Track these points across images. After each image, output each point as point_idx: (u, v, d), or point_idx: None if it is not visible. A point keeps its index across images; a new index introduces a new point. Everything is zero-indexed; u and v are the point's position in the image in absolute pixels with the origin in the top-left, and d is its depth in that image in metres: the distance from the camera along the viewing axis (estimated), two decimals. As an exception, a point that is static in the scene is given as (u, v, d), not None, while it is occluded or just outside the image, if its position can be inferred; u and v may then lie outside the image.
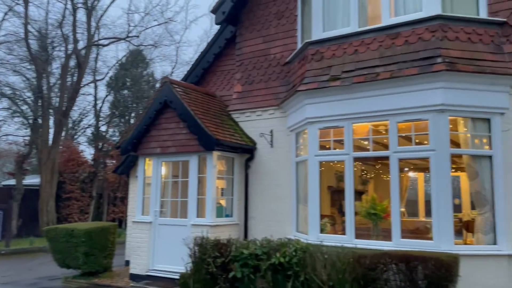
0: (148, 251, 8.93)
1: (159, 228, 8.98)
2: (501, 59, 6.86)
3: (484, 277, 6.36)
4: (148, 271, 8.83)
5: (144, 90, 28.41)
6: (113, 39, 23.52)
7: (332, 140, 7.82)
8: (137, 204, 9.47)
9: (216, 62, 10.80)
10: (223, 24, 9.93)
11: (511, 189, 6.72)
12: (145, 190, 9.35)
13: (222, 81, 10.63)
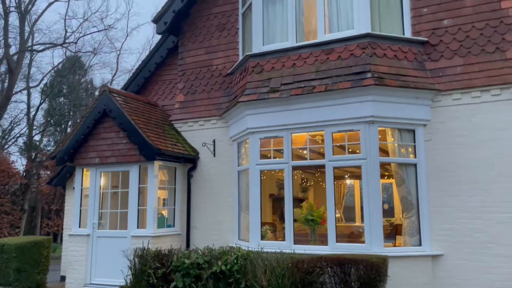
0: (86, 265, 8.52)
1: (98, 240, 8.61)
2: (423, 75, 7.24)
3: (411, 276, 6.64)
4: (86, 285, 8.41)
5: (82, 98, 27.16)
6: (49, 44, 22.51)
7: (272, 149, 7.91)
8: (74, 217, 9.03)
9: (158, 72, 10.58)
10: (165, 34, 9.80)
11: (434, 194, 7.03)
12: (82, 202, 8.93)
13: (164, 90, 10.43)
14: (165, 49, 10.33)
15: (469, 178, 6.95)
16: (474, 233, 6.76)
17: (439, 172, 7.09)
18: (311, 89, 7.28)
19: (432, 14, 7.41)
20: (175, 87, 9.93)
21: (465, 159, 6.97)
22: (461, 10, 7.25)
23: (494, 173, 6.78)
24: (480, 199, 6.81)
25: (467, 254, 6.73)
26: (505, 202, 6.66)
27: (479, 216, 6.78)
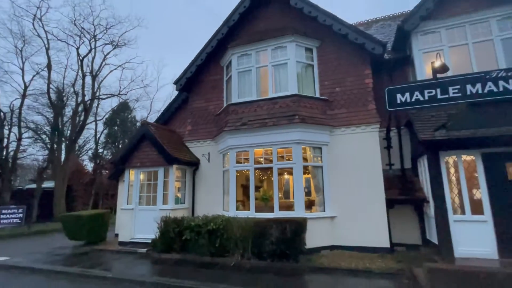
0: (131, 227, 8.47)
1: (138, 212, 8.55)
2: (326, 118, 7.60)
3: (319, 228, 6.90)
4: (132, 238, 8.36)
5: (128, 127, 26.69)
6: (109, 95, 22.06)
7: (243, 158, 8.04)
8: (123, 198, 8.94)
9: (176, 112, 10.70)
10: (180, 91, 9.93)
11: (331, 183, 7.32)
12: (129, 189, 8.86)
13: (179, 123, 10.47)
14: (180, 99, 10.50)
15: (347, 174, 7.20)
16: (350, 206, 7.03)
17: (333, 171, 7.37)
18: (265, 124, 7.56)
19: (330, 85, 7.79)
20: (186, 121, 9.97)
21: (345, 164, 7.29)
22: (345, 83, 7.64)
23: (357, 172, 7.11)
24: (349, 186, 7.11)
25: (347, 216, 7.04)
26: (360, 190, 7.02)
27: (352, 194, 7.06)
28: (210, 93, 9.47)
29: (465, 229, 5.82)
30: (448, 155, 6.15)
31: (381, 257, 6.32)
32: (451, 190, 6.09)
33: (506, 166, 5.73)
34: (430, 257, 5.99)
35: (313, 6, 7.86)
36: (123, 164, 8.96)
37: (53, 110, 19.27)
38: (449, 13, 7.34)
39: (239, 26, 9.10)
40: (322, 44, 8.12)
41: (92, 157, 24.91)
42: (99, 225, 9.00)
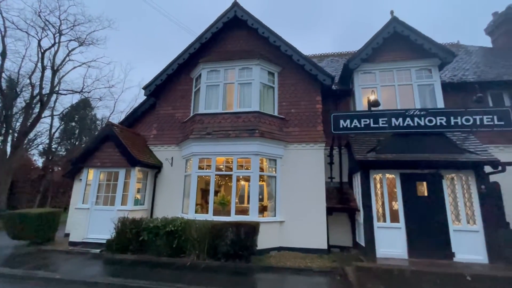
0: (85, 226, 7.71)
1: (94, 212, 7.84)
2: (282, 134, 7.97)
3: (270, 231, 7.12)
4: (84, 239, 7.60)
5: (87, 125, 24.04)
6: (71, 91, 19.81)
7: (205, 164, 7.96)
8: (79, 197, 8.12)
9: (143, 116, 10.19)
10: (149, 96, 9.50)
11: (282, 191, 7.60)
12: (86, 188, 8.10)
13: (145, 127, 9.97)
14: (148, 104, 10.03)
15: (296, 185, 7.59)
16: (297, 212, 7.43)
17: (285, 181, 7.69)
18: (228, 135, 7.65)
19: (287, 105, 8.24)
20: (151, 126, 9.55)
21: (295, 175, 7.68)
22: (300, 106, 8.15)
23: (304, 183, 7.53)
24: (297, 195, 7.50)
25: (294, 221, 7.38)
26: (306, 199, 7.48)
27: (299, 202, 7.46)
28: (178, 102, 9.26)
29: (385, 234, 6.60)
30: (376, 173, 6.96)
31: (320, 257, 6.78)
32: (377, 201, 6.87)
33: (416, 185, 6.71)
34: (358, 257, 6.62)
35: (277, 37, 8.35)
36: (83, 162, 8.19)
37: (3, 99, 16.71)
38: (382, 59, 8.44)
39: (211, 43, 9.19)
40: (283, 70, 8.62)
41: (43, 152, 21.89)
42: (48, 224, 8.00)
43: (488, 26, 12.68)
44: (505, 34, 11.73)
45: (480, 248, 6.10)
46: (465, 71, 9.46)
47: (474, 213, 6.32)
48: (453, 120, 6.57)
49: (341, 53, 13.20)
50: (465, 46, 12.36)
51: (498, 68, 9.35)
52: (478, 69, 9.50)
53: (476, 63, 10.11)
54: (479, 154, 6.47)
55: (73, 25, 17.95)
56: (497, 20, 12.14)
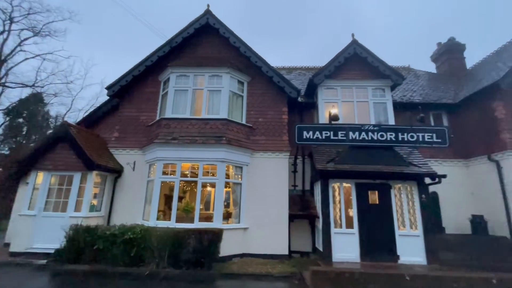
0: (29, 235, 7.00)
1: (42, 219, 7.16)
2: (249, 142, 8.14)
3: (235, 237, 7.12)
4: (28, 248, 6.89)
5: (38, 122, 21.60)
6: (20, 84, 17.94)
7: (170, 170, 7.77)
8: (24, 202, 7.38)
9: (104, 117, 9.66)
10: (112, 97, 9.05)
11: (247, 198, 7.69)
12: (33, 193, 7.43)
13: (106, 128, 9.41)
14: (110, 105, 9.54)
15: (260, 192, 7.79)
16: (260, 219, 7.63)
17: (250, 188, 7.84)
18: (195, 141, 7.61)
19: (255, 114, 8.48)
20: (113, 128, 9.06)
21: (260, 183, 7.86)
22: (267, 116, 8.44)
23: (269, 190, 7.81)
24: (261, 202, 7.73)
25: (257, 227, 7.53)
26: (270, 206, 7.75)
27: (263, 209, 7.66)
28: (144, 104, 8.97)
29: (341, 239, 7.08)
30: (335, 182, 7.47)
31: (281, 263, 7.01)
32: (334, 209, 7.36)
33: (369, 193, 7.35)
34: (317, 262, 7.00)
35: (248, 48, 8.63)
36: (32, 164, 7.49)
37: None
38: (343, 77, 9.17)
39: (181, 48, 9.14)
40: (252, 80, 8.89)
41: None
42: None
43: (433, 54, 14.48)
44: (446, 62, 13.48)
45: (420, 251, 6.86)
46: (413, 92, 10.68)
47: (416, 219, 7.11)
48: (400, 136, 7.39)
49: (308, 67, 13.98)
50: (414, 70, 13.94)
51: (439, 92, 10.72)
52: (423, 92, 10.78)
53: (422, 86, 11.46)
54: (421, 167, 7.33)
55: (28, 13, 16.47)
56: (440, 49, 13.93)
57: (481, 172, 8.55)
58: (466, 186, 8.92)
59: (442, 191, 8.67)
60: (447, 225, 8.53)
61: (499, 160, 7.93)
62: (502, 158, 7.87)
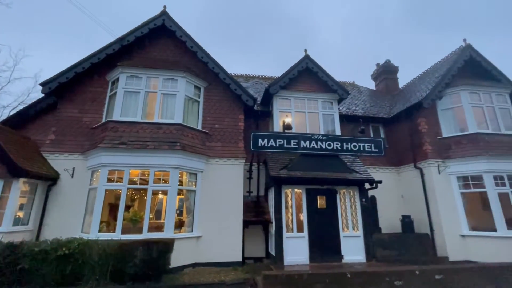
0: None
1: None
2: (204, 148, 8.04)
3: (187, 246, 6.92)
4: None
5: None
6: None
7: (116, 177, 7.20)
8: None
9: (38, 116, 8.46)
10: (48, 94, 7.98)
11: (201, 205, 7.60)
12: None
13: (39, 130, 8.29)
14: (45, 103, 8.44)
15: (215, 199, 7.71)
16: (215, 226, 7.54)
17: (205, 195, 7.70)
18: (146, 146, 7.21)
19: (211, 121, 8.43)
20: (49, 129, 8.02)
21: (215, 189, 7.80)
22: (223, 122, 8.47)
23: (223, 197, 7.78)
24: (216, 209, 7.67)
25: (211, 235, 7.42)
26: (225, 213, 7.76)
27: (217, 216, 7.61)
28: (87, 105, 8.20)
29: (292, 243, 7.43)
30: (287, 188, 7.85)
31: (234, 270, 7.01)
32: (287, 214, 7.70)
33: (318, 198, 7.89)
34: (269, 266, 7.19)
35: (205, 53, 8.61)
36: None
37: None
38: (297, 88, 9.79)
39: (134, 48, 8.69)
40: (209, 86, 8.86)
41: None
42: None
43: (373, 73, 16.42)
44: (383, 81, 15.39)
45: (361, 250, 7.60)
46: (356, 106, 11.91)
47: (358, 221, 7.87)
48: (345, 145, 8.16)
49: (265, 77, 14.51)
50: (358, 86, 15.58)
51: (377, 107, 12.17)
52: (365, 106, 12.11)
53: (364, 101, 12.87)
54: (362, 174, 8.18)
55: None
56: (379, 70, 15.88)
57: (409, 178, 9.90)
58: (398, 190, 10.22)
59: (379, 195, 9.77)
60: (383, 225, 9.61)
61: (422, 168, 9.31)
62: (424, 166, 9.25)
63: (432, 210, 8.80)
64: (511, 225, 7.94)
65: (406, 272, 5.48)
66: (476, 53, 9.81)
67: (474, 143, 8.72)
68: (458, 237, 8.32)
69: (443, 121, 9.52)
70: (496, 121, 9.21)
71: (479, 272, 5.78)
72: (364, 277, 5.31)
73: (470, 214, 8.59)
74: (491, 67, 9.73)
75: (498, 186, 8.25)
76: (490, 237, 7.92)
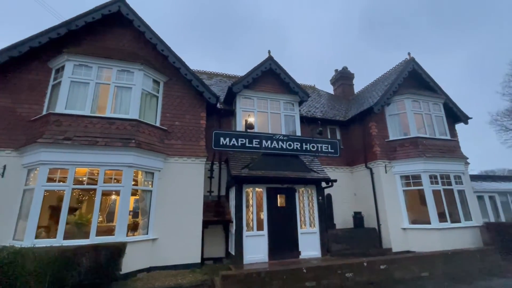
0: None
1: None
2: (162, 146, 7.64)
3: (140, 251, 6.51)
4: None
5: None
6: None
7: (58, 176, 6.45)
8: None
9: None
10: None
11: (159, 206, 7.20)
12: None
13: None
14: (-32, 90, 7.24)
15: (173, 199, 7.40)
16: (172, 227, 7.22)
17: (162, 195, 7.32)
18: (95, 142, 6.59)
19: (171, 117, 8.06)
20: (-28, 120, 6.87)
21: (173, 189, 7.47)
22: (184, 119, 8.14)
23: (182, 197, 7.51)
24: (174, 210, 7.36)
25: (168, 237, 7.10)
26: (183, 213, 7.46)
27: (175, 217, 7.30)
28: (24, 94, 7.21)
29: (252, 241, 7.49)
30: (248, 187, 7.89)
31: (192, 272, 6.81)
32: (247, 213, 7.74)
33: (278, 197, 8.08)
34: (228, 266, 7.15)
35: (166, 46, 8.20)
36: None
37: None
38: (260, 89, 9.90)
39: (84, 34, 7.90)
40: (170, 81, 8.47)
41: None
42: None
43: (332, 78, 17.43)
44: (340, 87, 16.44)
45: (317, 246, 7.99)
46: (316, 109, 12.51)
47: (315, 218, 8.25)
48: (304, 146, 8.50)
49: (229, 75, 14.39)
50: (318, 90, 16.37)
51: (335, 110, 12.93)
52: (324, 109, 12.77)
53: (323, 104, 13.57)
54: (319, 173, 8.61)
55: None
56: (337, 75, 16.91)
57: (360, 177, 10.72)
58: (351, 188, 10.99)
59: (334, 193, 10.40)
60: (337, 221, 10.25)
61: (372, 168, 10.15)
62: (374, 166, 10.10)
63: (380, 206, 9.65)
64: (442, 218, 9.10)
65: (355, 265, 5.92)
66: (418, 66, 11.04)
67: (415, 146, 9.79)
68: (400, 230, 9.26)
69: (390, 126, 10.51)
70: (432, 127, 10.48)
71: (415, 261, 6.51)
72: (319, 271, 5.59)
73: (411, 209, 9.63)
74: (429, 79, 11.03)
75: (433, 184, 9.39)
76: (425, 229, 8.98)
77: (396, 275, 6.16)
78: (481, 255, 7.29)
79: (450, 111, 11.25)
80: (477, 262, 7.11)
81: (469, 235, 9.17)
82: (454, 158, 9.93)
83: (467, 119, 11.47)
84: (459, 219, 9.29)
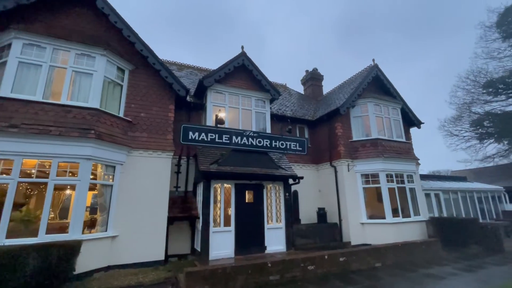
0: None
1: None
2: (126, 138, 7.21)
3: (97, 250, 6.16)
4: None
5: None
6: None
7: (1, 167, 5.74)
8: None
9: None
10: None
11: (120, 202, 6.78)
12: None
13: None
14: None
15: (137, 194, 7.05)
16: (135, 224, 6.90)
17: (124, 190, 6.95)
18: (47, 131, 5.98)
19: (136, 108, 7.63)
20: None
21: (137, 184, 7.12)
22: (151, 111, 7.76)
23: (146, 192, 7.21)
24: (137, 205, 7.05)
25: (130, 234, 6.76)
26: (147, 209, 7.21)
27: (138, 213, 6.98)
28: (-41, 73, 6.26)
29: (219, 237, 7.45)
30: (217, 183, 7.80)
31: (155, 269, 6.57)
32: (215, 209, 7.66)
33: (246, 193, 8.12)
34: (193, 263, 7.03)
35: (133, 32, 7.69)
36: None
37: None
38: (232, 84, 9.80)
39: (38, 10, 7.06)
40: (136, 70, 7.98)
41: None
42: None
43: (303, 79, 17.91)
44: (310, 87, 16.97)
45: (282, 240, 8.21)
46: (286, 107, 12.76)
47: (281, 214, 8.46)
48: (274, 143, 8.63)
49: (200, 68, 14.01)
50: (289, 89, 16.71)
51: (304, 110, 13.33)
52: (293, 108, 13.09)
53: (293, 103, 13.89)
54: (287, 170, 8.82)
55: None
56: (307, 76, 17.42)
57: (325, 174, 11.22)
58: (316, 185, 11.46)
59: (300, 189, 10.76)
60: (302, 217, 10.63)
61: (336, 166, 10.69)
62: (338, 165, 10.64)
63: (342, 203, 10.22)
64: (395, 214, 9.94)
65: (317, 258, 6.20)
66: (380, 72, 11.82)
67: (375, 147, 10.51)
68: (359, 224, 9.92)
69: (354, 127, 11.14)
70: (390, 129, 11.33)
71: (371, 253, 7.03)
72: (283, 265, 5.76)
73: (369, 205, 10.35)
74: (389, 86, 11.88)
75: (389, 182, 10.19)
76: (380, 223, 9.73)
77: (354, 266, 6.59)
78: (425, 246, 8.13)
79: (406, 116, 12.26)
80: (422, 253, 7.92)
81: (418, 229, 10.15)
82: (408, 159, 10.87)
83: (420, 124, 12.62)
84: (410, 214, 10.22)
